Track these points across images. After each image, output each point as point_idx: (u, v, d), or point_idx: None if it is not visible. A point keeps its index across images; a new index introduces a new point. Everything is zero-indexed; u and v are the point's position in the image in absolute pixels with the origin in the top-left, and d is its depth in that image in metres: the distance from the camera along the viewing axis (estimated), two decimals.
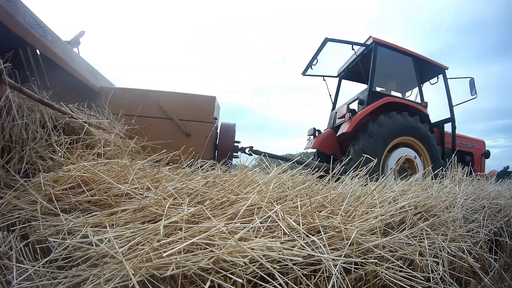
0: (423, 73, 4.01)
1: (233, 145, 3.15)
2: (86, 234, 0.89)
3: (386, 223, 1.24)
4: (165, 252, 0.76)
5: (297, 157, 3.48)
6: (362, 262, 1.00)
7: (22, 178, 1.38)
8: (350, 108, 3.51)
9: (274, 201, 1.20)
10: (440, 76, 4.10)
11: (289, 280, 0.82)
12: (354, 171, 1.89)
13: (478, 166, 4.31)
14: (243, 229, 0.93)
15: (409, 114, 3.44)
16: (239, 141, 3.28)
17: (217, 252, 0.80)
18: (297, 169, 1.69)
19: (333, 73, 4.70)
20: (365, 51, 3.83)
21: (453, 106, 4.03)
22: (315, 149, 4.29)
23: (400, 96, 4.36)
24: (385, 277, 0.96)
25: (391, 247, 1.09)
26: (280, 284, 0.78)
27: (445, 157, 3.62)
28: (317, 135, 4.35)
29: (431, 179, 2.05)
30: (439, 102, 4.25)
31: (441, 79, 4.10)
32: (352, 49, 3.74)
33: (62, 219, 1.02)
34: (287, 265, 0.84)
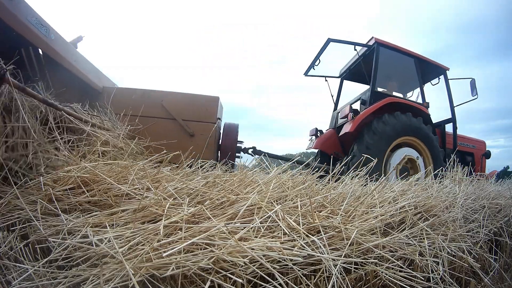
0: (424, 74, 4.01)
1: (236, 145, 3.14)
2: (86, 234, 0.89)
3: (386, 223, 1.24)
4: (165, 252, 0.76)
5: (297, 157, 3.48)
6: (362, 262, 1.00)
7: (23, 177, 1.37)
8: (352, 108, 3.51)
9: (274, 201, 1.20)
10: (441, 76, 4.11)
11: (289, 280, 0.82)
12: (355, 170, 1.89)
13: (479, 166, 4.31)
14: (243, 229, 0.93)
15: (412, 115, 3.45)
16: (242, 141, 3.28)
17: (217, 252, 0.79)
18: (297, 169, 1.69)
19: (334, 73, 4.70)
20: (367, 52, 3.83)
21: (454, 106, 4.04)
22: (317, 149, 4.30)
23: (401, 97, 4.37)
24: (385, 277, 0.96)
25: (391, 247, 1.09)
26: (280, 284, 0.78)
27: (447, 158, 3.63)
28: (319, 135, 4.36)
29: (431, 179, 2.05)
30: (440, 103, 4.25)
31: (442, 79, 4.11)
32: (355, 50, 3.74)
33: (63, 219, 1.02)
34: (287, 265, 0.84)
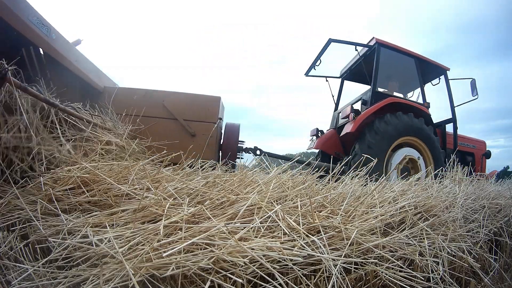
0: (425, 74, 4.02)
1: (237, 146, 3.14)
2: (86, 234, 0.89)
3: (386, 223, 1.24)
4: (165, 252, 0.76)
5: (297, 157, 3.48)
6: (362, 262, 0.99)
7: (26, 173, 1.38)
8: (354, 108, 3.52)
9: (274, 201, 1.20)
10: (442, 77, 4.11)
11: (289, 280, 0.82)
12: (355, 170, 1.89)
13: (479, 166, 4.32)
14: (243, 229, 0.93)
15: (414, 115, 3.45)
16: (243, 141, 3.27)
17: (217, 252, 0.79)
18: (297, 169, 1.69)
19: (335, 73, 4.71)
20: (368, 52, 3.84)
21: (454, 107, 4.04)
22: (318, 150, 4.30)
23: (402, 97, 4.37)
24: (385, 277, 0.96)
25: (391, 247, 1.09)
26: (280, 284, 0.78)
27: (447, 159, 3.64)
28: (320, 135, 4.36)
29: (431, 179, 2.05)
30: (440, 103, 4.26)
31: (442, 80, 4.11)
32: (356, 50, 3.74)
33: (62, 219, 1.02)
34: (287, 265, 0.84)
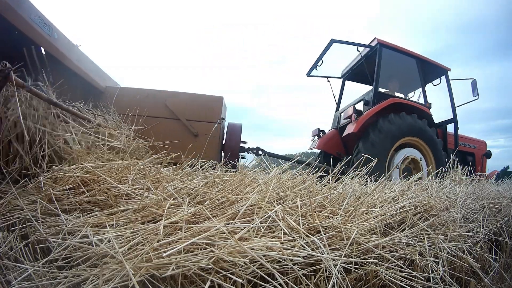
0: (426, 74, 4.02)
1: (239, 146, 3.13)
2: (86, 234, 0.89)
3: (386, 223, 1.24)
4: (165, 252, 0.76)
5: (297, 157, 3.48)
6: (362, 262, 0.99)
7: (23, 177, 1.38)
8: (356, 109, 3.51)
9: (274, 201, 1.20)
10: (443, 77, 4.12)
11: (289, 280, 0.82)
12: (355, 170, 1.89)
13: (480, 167, 4.32)
14: (243, 229, 0.93)
15: (417, 116, 3.46)
16: (245, 141, 3.27)
17: (217, 252, 0.79)
18: (297, 169, 1.68)
19: (336, 74, 4.70)
20: (369, 53, 3.83)
21: (455, 107, 4.04)
22: (319, 150, 4.30)
23: (403, 97, 4.37)
24: (385, 277, 0.96)
25: (391, 247, 1.09)
26: (280, 284, 0.78)
27: (448, 159, 3.64)
28: (321, 135, 4.36)
29: (431, 179, 2.05)
30: (440, 103, 4.26)
31: (443, 80, 4.11)
32: (358, 51, 3.74)
33: (62, 219, 1.02)
34: (287, 265, 0.84)
